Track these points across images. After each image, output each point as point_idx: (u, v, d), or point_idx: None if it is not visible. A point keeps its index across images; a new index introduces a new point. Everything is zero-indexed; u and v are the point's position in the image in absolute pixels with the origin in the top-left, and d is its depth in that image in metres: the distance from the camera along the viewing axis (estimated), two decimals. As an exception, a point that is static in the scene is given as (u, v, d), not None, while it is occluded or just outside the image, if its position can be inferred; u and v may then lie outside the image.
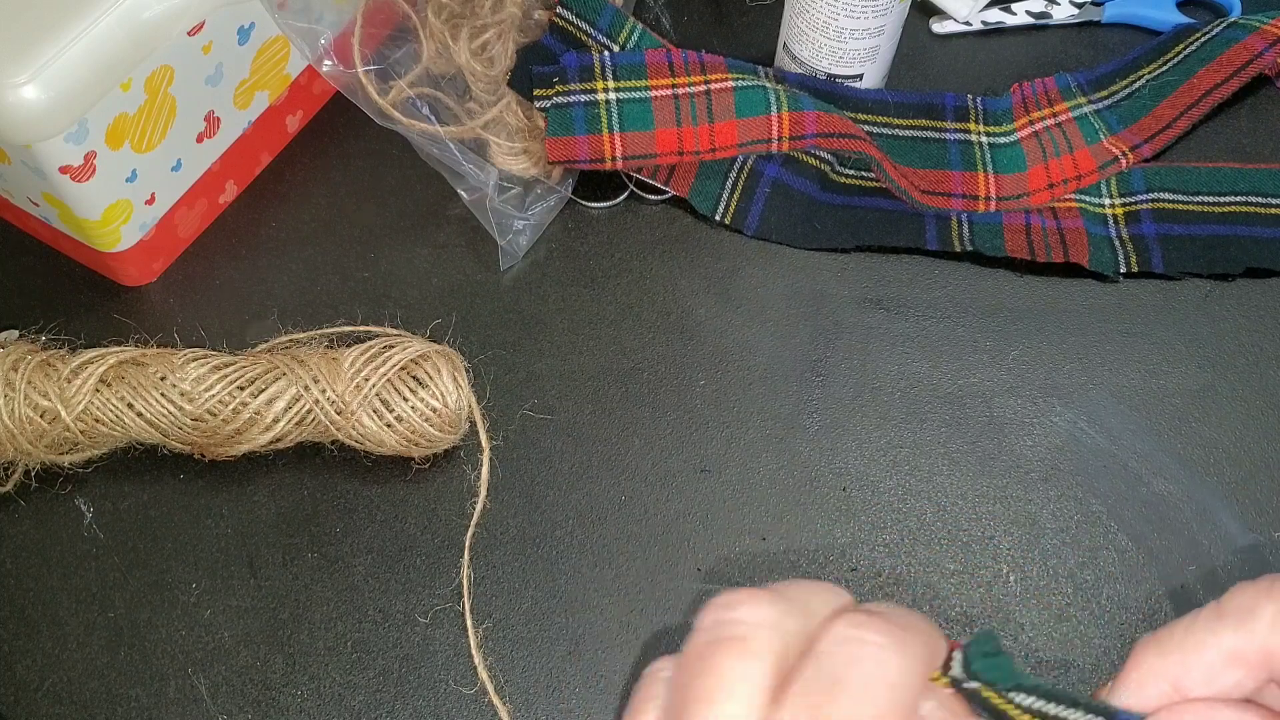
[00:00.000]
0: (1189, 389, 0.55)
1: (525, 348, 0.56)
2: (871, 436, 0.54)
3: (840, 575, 0.50)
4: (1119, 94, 0.62)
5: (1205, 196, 0.59)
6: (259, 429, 0.49)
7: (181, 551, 0.50)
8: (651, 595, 0.49)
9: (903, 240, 0.58)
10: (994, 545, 0.51)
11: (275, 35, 0.56)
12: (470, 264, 0.58)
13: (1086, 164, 0.60)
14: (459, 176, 0.57)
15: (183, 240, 0.58)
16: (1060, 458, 0.53)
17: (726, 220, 0.59)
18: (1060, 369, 0.55)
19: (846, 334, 0.57)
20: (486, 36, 0.57)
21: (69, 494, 0.51)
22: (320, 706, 0.47)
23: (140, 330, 0.55)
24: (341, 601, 0.49)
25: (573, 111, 0.56)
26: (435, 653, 0.48)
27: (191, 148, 0.55)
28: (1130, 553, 0.51)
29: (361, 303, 0.57)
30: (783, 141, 0.56)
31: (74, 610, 0.49)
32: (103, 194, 0.52)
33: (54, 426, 0.48)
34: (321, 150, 0.62)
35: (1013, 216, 0.59)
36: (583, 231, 0.60)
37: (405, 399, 0.49)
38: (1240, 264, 0.57)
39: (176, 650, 0.48)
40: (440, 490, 0.52)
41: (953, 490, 0.52)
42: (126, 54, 0.48)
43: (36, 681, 0.47)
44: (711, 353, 0.56)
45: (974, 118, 0.61)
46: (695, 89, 0.57)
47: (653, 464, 0.53)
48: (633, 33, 0.60)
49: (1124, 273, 0.58)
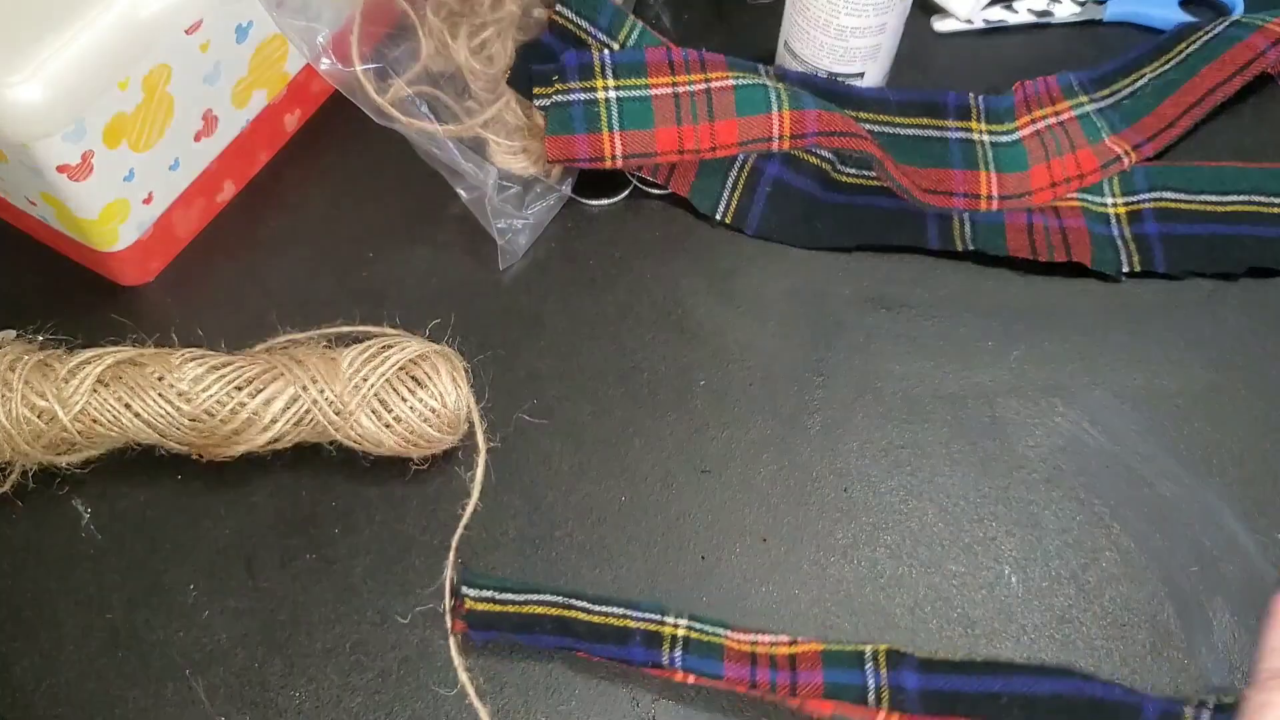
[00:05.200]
0: (1192, 389, 0.55)
1: (524, 347, 0.56)
2: (873, 437, 0.53)
3: (841, 575, 0.50)
4: (1121, 93, 0.62)
5: (1208, 195, 0.59)
6: (257, 429, 0.48)
7: (179, 553, 0.50)
8: (651, 596, 0.49)
9: (904, 239, 0.58)
10: (996, 546, 0.51)
11: (273, 33, 0.56)
12: (469, 263, 0.58)
13: (1089, 163, 0.60)
14: (458, 175, 0.57)
15: (180, 240, 0.58)
16: (1063, 458, 0.53)
17: (727, 219, 0.59)
18: (1063, 369, 0.55)
19: (848, 334, 0.56)
20: (485, 35, 0.57)
21: (66, 495, 0.51)
22: (318, 708, 0.47)
23: (138, 330, 0.55)
24: (340, 603, 0.49)
25: (572, 110, 0.56)
26: (434, 654, 0.48)
27: (189, 147, 0.55)
28: (1133, 554, 0.50)
29: (360, 302, 0.57)
30: (784, 140, 0.56)
31: (71, 611, 0.49)
32: (100, 193, 0.52)
33: (51, 427, 0.48)
34: (320, 149, 0.62)
35: (1015, 215, 0.59)
36: (582, 231, 0.59)
37: (404, 399, 0.49)
38: (1243, 263, 0.57)
39: (174, 652, 0.48)
40: (439, 491, 0.52)
41: (954, 491, 0.52)
42: (124, 52, 0.48)
43: (33, 683, 0.47)
44: (712, 353, 0.56)
45: (976, 116, 0.61)
46: (695, 87, 0.57)
47: (653, 464, 0.53)
48: (633, 31, 0.59)
49: (1126, 272, 0.58)
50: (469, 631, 0.47)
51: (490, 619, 0.47)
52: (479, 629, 0.47)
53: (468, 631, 0.47)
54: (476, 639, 0.47)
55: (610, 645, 0.46)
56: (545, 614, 0.47)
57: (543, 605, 0.47)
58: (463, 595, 0.47)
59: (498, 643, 0.47)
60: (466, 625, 0.47)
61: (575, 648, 0.46)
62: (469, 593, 0.47)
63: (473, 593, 0.48)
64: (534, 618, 0.47)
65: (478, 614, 0.47)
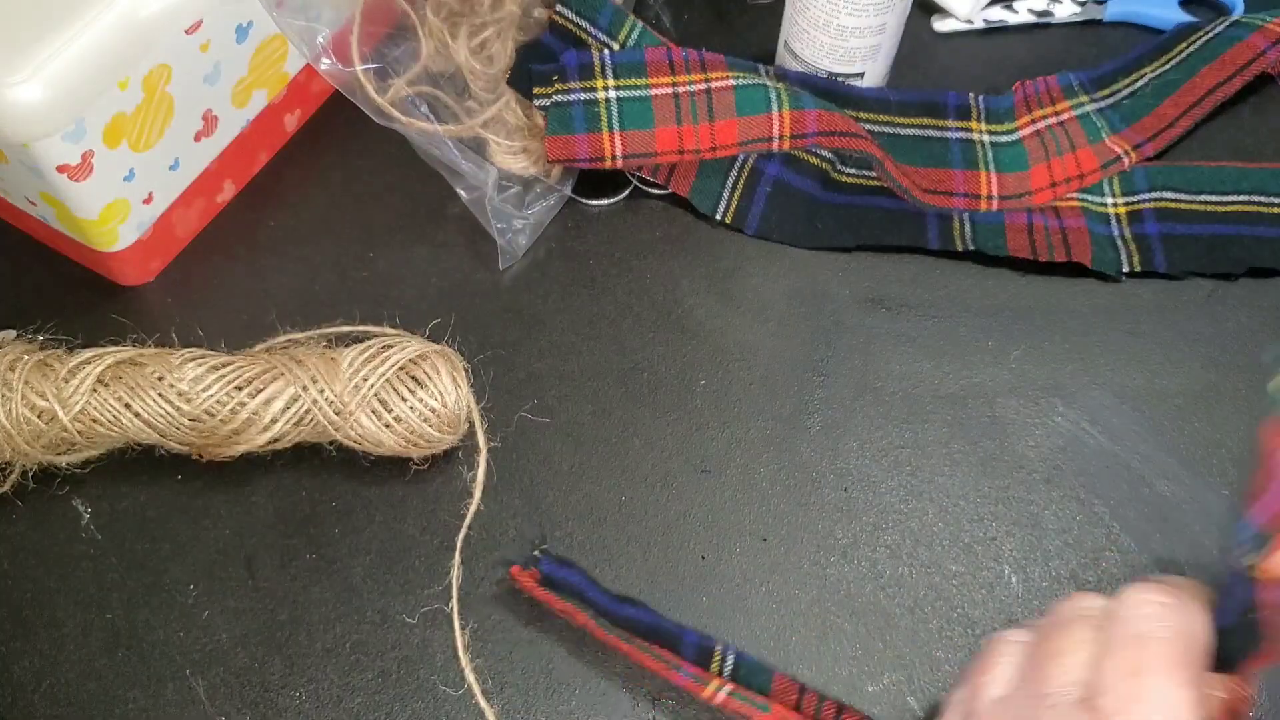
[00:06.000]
0: (1192, 389, 0.55)
1: (525, 347, 0.56)
2: (873, 437, 0.53)
3: (841, 575, 0.50)
4: (1121, 92, 0.62)
5: (1208, 196, 0.59)
6: (257, 429, 0.48)
7: (179, 552, 0.50)
8: (651, 596, 0.49)
9: (904, 239, 0.58)
10: (996, 546, 0.51)
11: (273, 33, 0.56)
12: (469, 263, 0.58)
13: (1089, 163, 0.60)
14: (458, 175, 0.57)
15: (180, 240, 0.58)
16: (1063, 458, 0.53)
17: (727, 219, 0.59)
18: (1063, 369, 0.55)
19: (848, 334, 0.56)
20: (486, 35, 0.57)
21: (66, 495, 0.51)
22: (318, 708, 0.47)
23: (138, 330, 0.55)
24: (340, 603, 0.49)
25: (572, 110, 0.56)
26: (434, 654, 0.48)
27: (189, 147, 0.55)
28: (1133, 554, 0.50)
29: (360, 302, 0.57)
30: (784, 140, 0.56)
31: (71, 611, 0.49)
32: (100, 193, 0.52)
33: (51, 427, 0.48)
34: (320, 149, 0.62)
35: (1015, 215, 0.59)
36: (582, 230, 0.59)
37: (404, 399, 0.49)
38: (1243, 263, 0.57)
39: (174, 652, 0.48)
40: (439, 491, 0.52)
41: (954, 491, 0.52)
42: (124, 52, 0.48)
43: (33, 683, 0.47)
44: (712, 353, 0.56)
45: (976, 116, 0.61)
46: (695, 87, 0.57)
47: (653, 464, 0.53)
48: (633, 31, 0.59)
49: (1126, 272, 0.58)
50: (543, 561, 0.49)
51: (567, 564, 0.49)
52: (556, 564, 0.49)
53: (540, 561, 0.49)
54: (550, 570, 0.49)
55: (668, 623, 0.48)
56: (611, 590, 0.49)
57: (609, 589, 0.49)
58: (542, 545, 0.50)
59: (560, 586, 0.48)
60: (541, 559, 0.49)
61: (629, 617, 0.47)
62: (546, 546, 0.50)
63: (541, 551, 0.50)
64: (602, 587, 0.49)
65: (555, 559, 0.49)
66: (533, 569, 0.49)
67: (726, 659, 0.47)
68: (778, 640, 0.48)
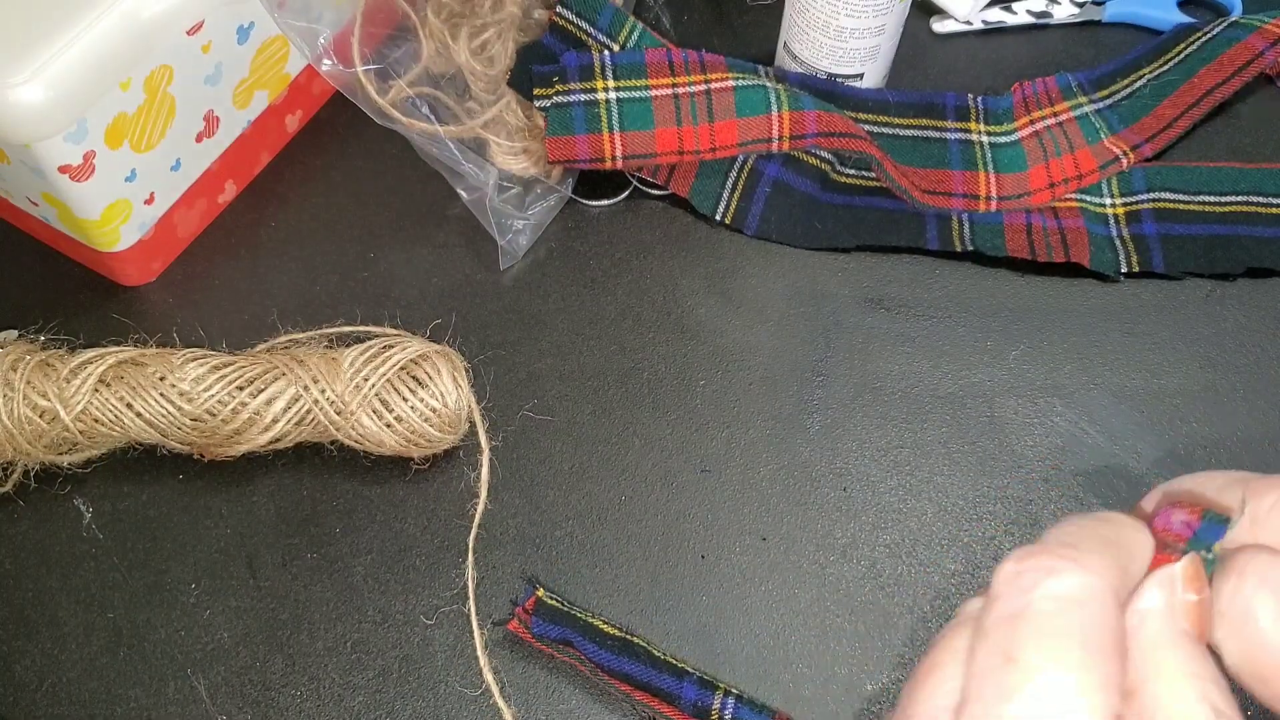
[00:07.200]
0: (1190, 389, 0.55)
1: (525, 347, 0.56)
2: (872, 436, 0.54)
3: (840, 575, 0.50)
4: (1120, 93, 0.62)
5: (1206, 196, 0.59)
6: (258, 429, 0.49)
7: (181, 552, 0.50)
8: (651, 595, 0.49)
9: (903, 240, 0.58)
10: (995, 546, 0.51)
11: (275, 34, 0.56)
12: (470, 264, 0.58)
13: (1087, 163, 0.60)
14: (459, 176, 0.57)
15: (182, 240, 0.58)
16: (1061, 458, 0.53)
17: (727, 220, 0.59)
18: (1061, 369, 0.55)
19: (847, 334, 0.56)
20: (486, 36, 0.57)
21: (68, 494, 0.51)
22: (319, 707, 0.47)
23: (139, 330, 0.55)
24: (341, 602, 0.49)
25: (573, 111, 0.56)
26: (435, 654, 0.48)
27: (191, 147, 0.55)
28: (1131, 553, 0.50)
29: (361, 302, 0.57)
30: (783, 141, 0.56)
31: (73, 611, 0.49)
32: (102, 194, 0.52)
33: (53, 426, 0.48)
34: (321, 150, 0.62)
35: (1013, 216, 0.59)
36: (583, 231, 0.60)
37: (405, 399, 0.49)
38: (1241, 264, 0.57)
39: (176, 651, 0.48)
40: (440, 491, 0.52)
41: (953, 490, 0.52)
42: (126, 53, 0.48)
43: (35, 682, 0.47)
44: (711, 353, 0.56)
45: (975, 117, 0.61)
46: (695, 88, 0.57)
47: (653, 464, 0.53)
48: (633, 32, 0.60)
49: (1125, 272, 0.58)
50: (533, 621, 0.47)
51: (559, 616, 0.48)
52: (546, 621, 0.48)
53: (530, 622, 0.47)
54: (541, 631, 0.47)
55: (666, 677, 0.46)
56: (611, 632, 0.48)
57: (609, 625, 0.48)
58: (535, 590, 0.48)
59: (554, 641, 0.47)
60: (532, 618, 0.48)
61: (626, 673, 0.46)
62: (541, 591, 0.49)
63: (543, 592, 0.49)
64: (600, 631, 0.47)
65: (548, 608, 0.48)
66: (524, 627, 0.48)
67: (725, 711, 0.46)
68: (777, 639, 0.49)
